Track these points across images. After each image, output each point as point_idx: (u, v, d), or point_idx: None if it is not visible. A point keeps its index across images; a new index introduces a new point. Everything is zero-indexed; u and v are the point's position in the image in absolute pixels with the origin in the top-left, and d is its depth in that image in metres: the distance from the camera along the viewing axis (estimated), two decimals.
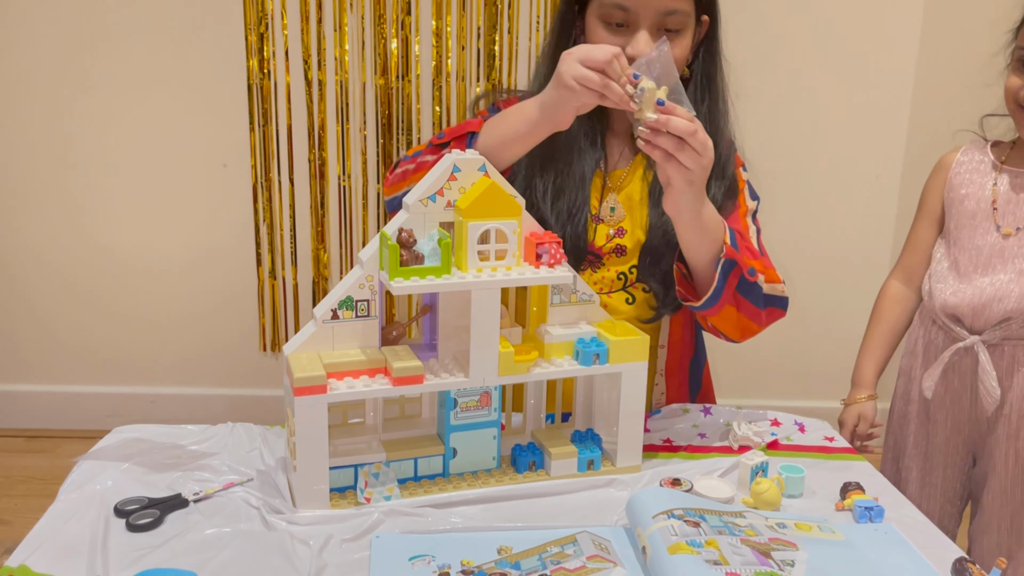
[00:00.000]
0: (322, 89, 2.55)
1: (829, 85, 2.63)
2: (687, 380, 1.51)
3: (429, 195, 1.10)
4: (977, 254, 1.43)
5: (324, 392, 1.06)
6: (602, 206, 1.40)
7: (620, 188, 1.42)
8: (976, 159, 1.49)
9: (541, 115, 1.20)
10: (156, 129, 2.61)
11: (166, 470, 1.17)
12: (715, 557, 0.94)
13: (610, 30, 1.31)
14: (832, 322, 2.80)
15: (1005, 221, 1.42)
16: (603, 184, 1.41)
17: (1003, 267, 1.41)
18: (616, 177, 1.42)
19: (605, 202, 1.41)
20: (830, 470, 1.24)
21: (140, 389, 2.82)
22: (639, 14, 1.28)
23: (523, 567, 0.99)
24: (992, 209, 1.43)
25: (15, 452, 2.70)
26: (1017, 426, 1.43)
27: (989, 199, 1.44)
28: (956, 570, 0.99)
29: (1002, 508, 1.45)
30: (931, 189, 1.54)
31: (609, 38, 1.30)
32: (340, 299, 1.11)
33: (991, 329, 1.41)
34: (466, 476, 1.18)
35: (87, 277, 2.73)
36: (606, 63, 1.13)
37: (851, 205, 2.73)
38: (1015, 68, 1.37)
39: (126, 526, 1.05)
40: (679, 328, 1.47)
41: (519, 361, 1.13)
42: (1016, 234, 1.40)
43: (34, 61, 2.55)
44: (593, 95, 1.15)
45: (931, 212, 1.53)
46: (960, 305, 1.43)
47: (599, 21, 1.32)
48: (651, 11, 1.28)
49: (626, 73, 1.14)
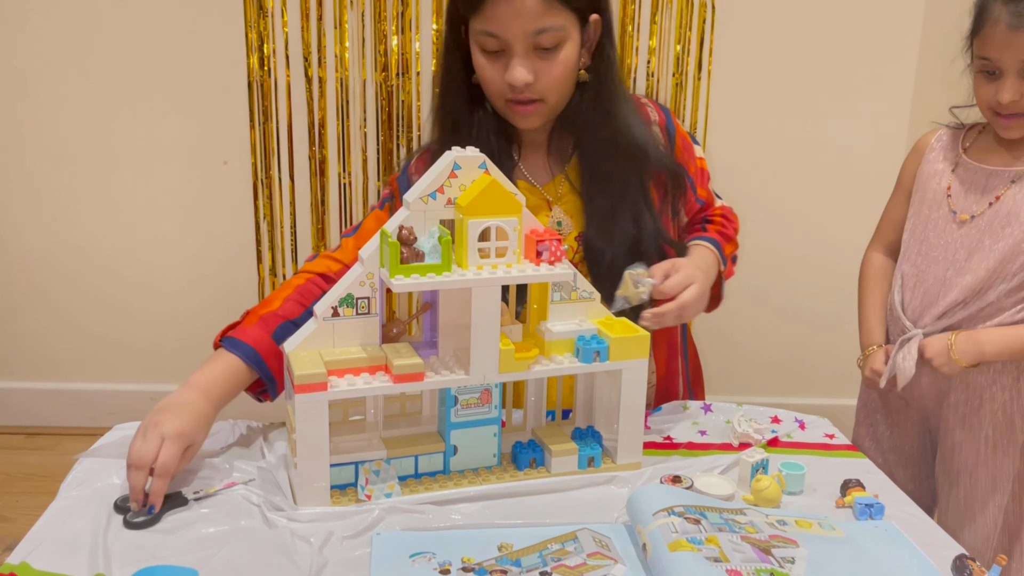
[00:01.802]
0: (322, 86, 2.55)
1: (828, 85, 2.63)
2: (676, 355, 1.53)
3: (429, 192, 1.10)
4: (930, 247, 1.45)
5: (325, 389, 1.06)
6: (550, 222, 1.40)
7: (559, 198, 1.41)
8: (946, 144, 1.50)
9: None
10: (156, 126, 2.61)
11: None
12: (715, 554, 0.94)
13: (487, 57, 1.30)
14: (832, 319, 2.80)
15: (959, 209, 1.42)
16: (544, 200, 1.41)
17: (950, 259, 1.42)
18: (552, 189, 1.42)
19: (551, 218, 1.40)
20: (830, 467, 1.24)
21: (141, 386, 2.82)
22: (508, 40, 1.26)
23: (524, 564, 0.99)
24: (947, 196, 1.44)
25: (16, 449, 2.70)
26: (963, 412, 1.45)
27: (944, 187, 1.45)
28: (956, 567, 1.00)
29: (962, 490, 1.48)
30: (906, 168, 1.56)
31: (488, 64, 1.30)
32: (341, 296, 1.11)
33: (934, 321, 1.42)
34: (467, 473, 1.18)
35: (87, 274, 2.73)
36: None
37: (850, 203, 2.72)
38: (984, 79, 1.36)
39: (125, 523, 1.05)
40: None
41: (519, 358, 1.13)
42: (965, 224, 1.40)
43: (32, 60, 2.55)
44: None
45: (904, 189, 1.55)
46: (909, 302, 1.46)
47: (477, 47, 1.30)
48: (520, 34, 1.25)
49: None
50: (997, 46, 1.30)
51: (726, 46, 2.57)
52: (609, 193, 1.36)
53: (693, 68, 2.57)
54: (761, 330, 2.79)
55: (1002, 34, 1.28)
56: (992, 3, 1.30)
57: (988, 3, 1.31)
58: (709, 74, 2.58)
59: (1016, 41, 1.27)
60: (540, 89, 1.30)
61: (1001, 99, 1.32)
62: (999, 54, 1.30)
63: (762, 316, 2.77)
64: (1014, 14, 1.26)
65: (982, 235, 1.39)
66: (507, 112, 1.34)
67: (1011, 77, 1.31)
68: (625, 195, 1.36)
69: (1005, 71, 1.31)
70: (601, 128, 1.36)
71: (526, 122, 1.35)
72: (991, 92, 1.34)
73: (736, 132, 2.61)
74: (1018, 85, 1.30)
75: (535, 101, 1.31)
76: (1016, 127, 1.35)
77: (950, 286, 1.41)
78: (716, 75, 2.59)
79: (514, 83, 1.27)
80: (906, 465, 1.58)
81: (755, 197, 2.55)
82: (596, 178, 1.37)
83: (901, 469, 1.57)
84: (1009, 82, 1.31)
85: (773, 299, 2.76)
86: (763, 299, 2.73)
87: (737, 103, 2.62)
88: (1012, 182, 1.38)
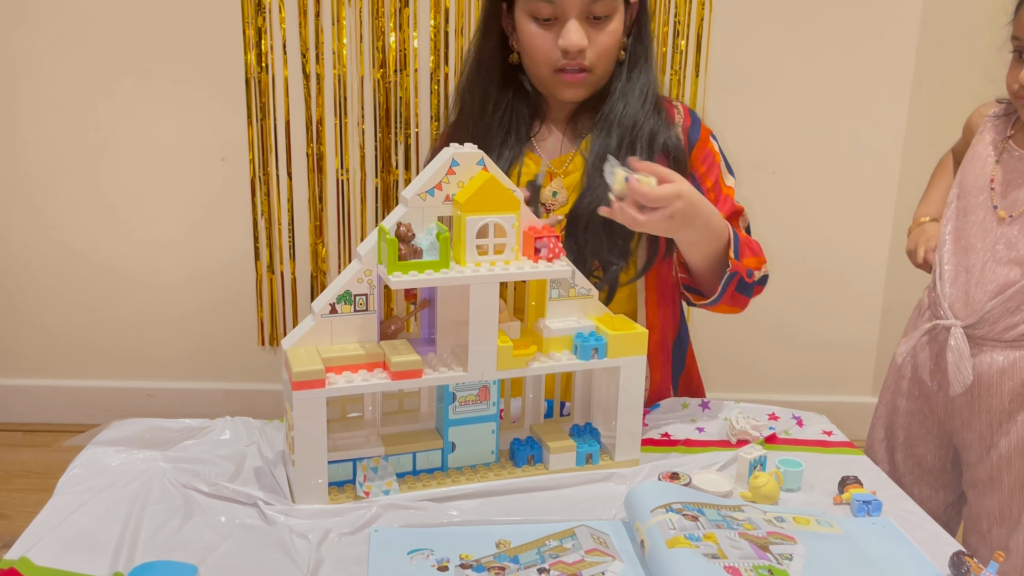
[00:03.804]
0: (320, 83, 2.55)
1: (825, 83, 2.63)
2: (670, 360, 1.52)
3: (427, 189, 1.10)
4: (969, 239, 1.40)
5: (323, 386, 1.06)
6: (544, 192, 1.41)
7: (566, 173, 1.43)
8: (996, 126, 1.44)
9: None
10: (153, 123, 2.61)
11: (163, 464, 1.17)
12: (713, 551, 0.94)
13: (539, 24, 1.33)
14: (830, 318, 2.81)
15: (1000, 204, 1.38)
16: (547, 170, 1.43)
17: (989, 250, 1.37)
18: (560, 163, 1.44)
19: (548, 188, 1.41)
20: (828, 464, 1.24)
21: (138, 383, 2.82)
22: (566, 6, 1.30)
23: (522, 561, 0.99)
24: (989, 189, 1.40)
25: (13, 446, 2.70)
26: (998, 419, 1.40)
27: (988, 178, 1.40)
28: (954, 564, 1.00)
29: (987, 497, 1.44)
30: (965, 135, 1.52)
31: (540, 33, 1.33)
32: (338, 293, 1.11)
33: (971, 313, 1.37)
34: (465, 470, 1.18)
35: (84, 270, 2.72)
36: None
37: (849, 202, 2.73)
38: (1016, 60, 1.35)
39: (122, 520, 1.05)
40: (655, 308, 1.47)
41: (518, 355, 1.13)
42: (1005, 221, 1.37)
43: (28, 56, 2.54)
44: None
45: (965, 143, 1.51)
46: (949, 292, 1.41)
47: (528, 16, 1.34)
48: (577, 1, 1.30)
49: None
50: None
51: (723, 43, 2.57)
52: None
53: (691, 66, 2.57)
54: (759, 327, 2.79)
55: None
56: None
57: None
58: (707, 70, 2.58)
59: None
60: (591, 57, 1.34)
61: (1021, 79, 1.32)
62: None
63: (759, 314, 2.77)
64: None
65: (1022, 231, 1.35)
66: (553, 83, 1.37)
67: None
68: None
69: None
70: (624, 108, 1.39)
71: (573, 92, 1.38)
72: (1016, 73, 1.33)
73: (734, 131, 2.60)
74: None
75: (584, 71, 1.35)
76: None
77: (990, 278, 1.36)
78: (713, 72, 2.59)
79: (569, 47, 1.31)
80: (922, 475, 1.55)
81: (753, 195, 2.55)
82: (601, 156, 1.37)
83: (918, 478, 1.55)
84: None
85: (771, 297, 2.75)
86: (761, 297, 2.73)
87: (734, 100, 2.62)
88: None
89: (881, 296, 2.81)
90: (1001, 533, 1.43)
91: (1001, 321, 1.35)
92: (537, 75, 1.39)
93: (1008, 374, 1.36)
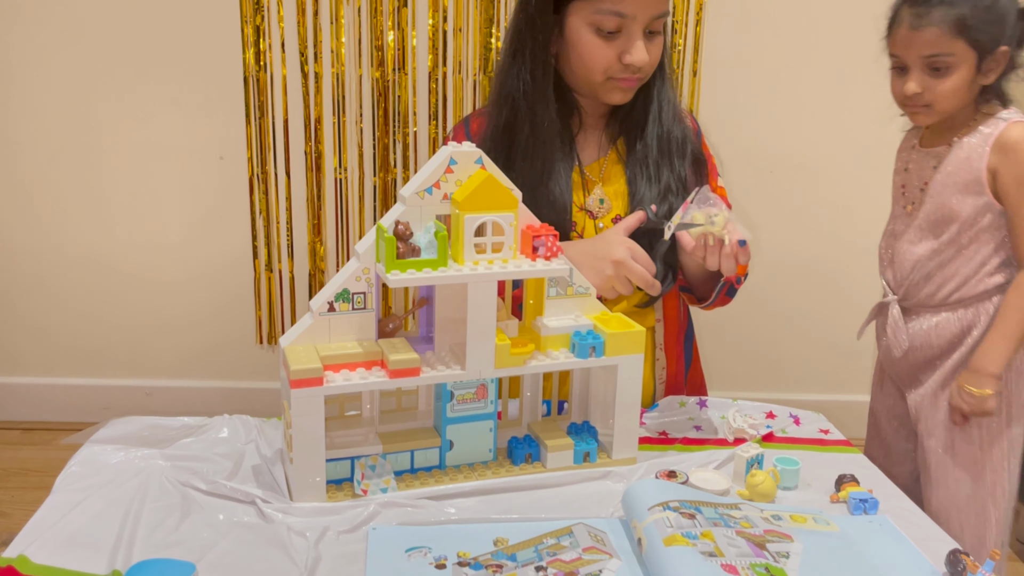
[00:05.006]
0: (318, 82, 2.55)
1: (826, 83, 2.63)
2: (683, 353, 1.54)
3: (426, 187, 1.10)
4: (895, 231, 1.58)
5: (320, 384, 1.06)
6: (589, 200, 1.42)
7: (606, 181, 1.44)
8: (909, 137, 1.63)
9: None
10: (152, 122, 2.60)
11: (162, 462, 1.17)
12: (710, 549, 0.95)
13: (602, 36, 1.33)
14: (829, 317, 2.80)
15: (910, 199, 1.56)
16: (583, 178, 1.43)
17: (906, 238, 1.55)
18: (595, 170, 1.44)
19: (592, 196, 1.42)
20: (825, 462, 1.24)
21: (136, 382, 2.82)
22: (637, 19, 1.31)
23: (519, 559, 0.99)
24: (902, 192, 1.58)
25: (11, 444, 2.70)
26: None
27: (901, 182, 1.59)
28: (950, 562, 1.00)
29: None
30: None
31: (601, 44, 1.33)
32: (336, 291, 1.11)
33: (899, 291, 1.56)
34: (462, 468, 1.18)
35: (82, 269, 2.72)
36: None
37: (848, 202, 2.73)
38: (896, 75, 1.48)
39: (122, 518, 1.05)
40: (673, 299, 1.52)
41: (515, 354, 1.14)
42: (912, 210, 1.54)
43: (25, 55, 2.54)
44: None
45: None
46: (889, 276, 1.59)
47: (589, 27, 1.33)
48: (648, 16, 1.32)
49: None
50: (903, 44, 1.44)
51: (721, 43, 2.57)
52: (657, 179, 1.42)
53: (689, 65, 2.57)
54: (757, 326, 2.80)
55: (905, 33, 1.43)
56: (899, 7, 1.45)
57: (897, 7, 1.46)
58: (704, 70, 2.58)
59: (917, 39, 1.41)
60: (648, 69, 1.37)
61: (906, 91, 1.45)
62: (904, 51, 1.44)
63: (758, 312, 2.77)
64: (915, 15, 1.41)
65: (925, 217, 1.52)
66: (605, 88, 1.38)
67: (915, 71, 1.43)
68: (665, 180, 1.42)
69: (910, 66, 1.44)
70: (657, 112, 1.43)
71: (623, 96, 1.40)
72: (900, 85, 1.47)
73: (733, 131, 2.61)
74: (921, 79, 1.43)
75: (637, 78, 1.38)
76: (923, 115, 1.48)
77: (906, 258, 1.54)
78: (711, 72, 2.59)
79: (636, 63, 1.33)
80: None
81: (750, 195, 2.56)
82: (643, 164, 1.42)
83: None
84: (914, 76, 1.43)
85: (770, 296, 2.76)
86: (759, 296, 2.74)
87: (733, 100, 2.62)
88: (933, 167, 1.50)
89: (879, 295, 2.81)
90: (946, 461, 1.54)
91: (922, 289, 1.52)
92: (586, 80, 1.38)
93: (935, 332, 1.52)
